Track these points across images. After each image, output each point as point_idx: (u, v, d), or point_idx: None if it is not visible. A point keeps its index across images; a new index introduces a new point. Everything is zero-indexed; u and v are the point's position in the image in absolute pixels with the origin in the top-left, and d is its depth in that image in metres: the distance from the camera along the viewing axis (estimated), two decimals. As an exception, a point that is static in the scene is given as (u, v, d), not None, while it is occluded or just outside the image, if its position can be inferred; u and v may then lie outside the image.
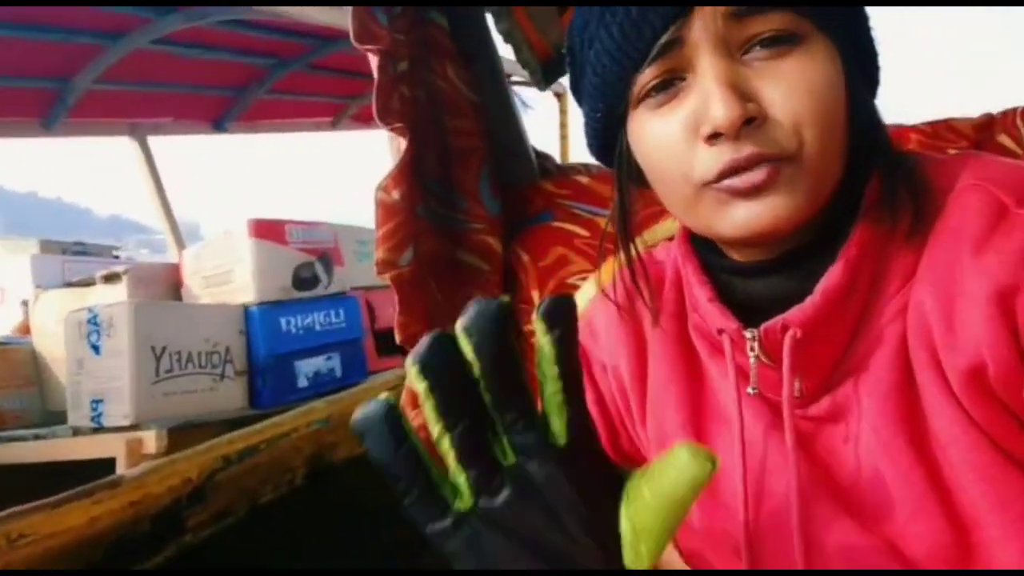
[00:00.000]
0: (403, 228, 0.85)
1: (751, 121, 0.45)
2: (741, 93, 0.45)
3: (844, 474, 0.50)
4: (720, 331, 0.53)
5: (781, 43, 0.45)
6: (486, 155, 0.98)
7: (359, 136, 6.45)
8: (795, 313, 0.49)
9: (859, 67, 0.49)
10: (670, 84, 0.48)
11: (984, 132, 0.81)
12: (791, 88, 0.45)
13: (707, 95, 0.45)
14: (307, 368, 2.65)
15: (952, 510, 0.46)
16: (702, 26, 0.45)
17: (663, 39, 0.46)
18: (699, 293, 0.55)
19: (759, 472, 0.53)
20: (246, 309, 2.60)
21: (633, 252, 0.60)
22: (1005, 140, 0.80)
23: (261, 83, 4.38)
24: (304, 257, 2.80)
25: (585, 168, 1.11)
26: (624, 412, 0.66)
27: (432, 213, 0.91)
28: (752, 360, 0.51)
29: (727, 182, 0.46)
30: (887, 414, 0.48)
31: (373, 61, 0.82)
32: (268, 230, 2.69)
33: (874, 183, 0.49)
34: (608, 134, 0.56)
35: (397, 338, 0.89)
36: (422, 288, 0.89)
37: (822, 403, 0.52)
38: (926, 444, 0.47)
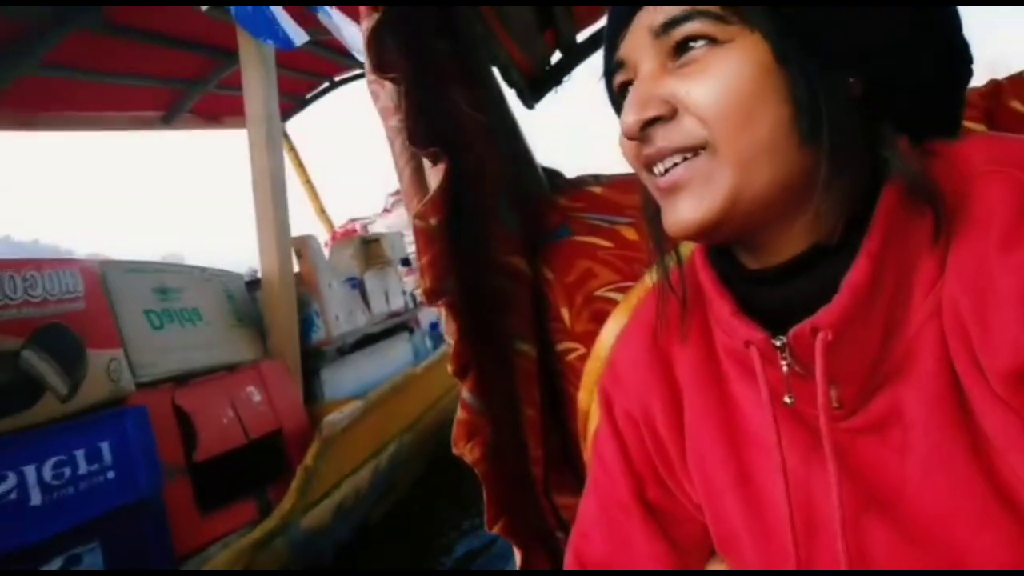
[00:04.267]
0: (445, 255, 0.82)
1: (658, 120, 0.48)
2: (655, 98, 0.48)
3: (897, 488, 0.47)
4: (747, 343, 0.51)
5: (698, 48, 0.47)
6: (500, 175, 0.94)
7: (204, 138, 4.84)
8: (823, 314, 0.46)
9: (831, 63, 0.46)
10: (628, 89, 0.52)
11: (992, 99, 0.78)
12: (701, 86, 0.46)
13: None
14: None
15: (1019, 519, 0.43)
16: (636, 43, 0.49)
17: (617, 55, 0.51)
18: (720, 307, 0.53)
19: (806, 501, 0.51)
20: None
21: (670, 263, 0.59)
22: (1017, 105, 0.77)
23: (30, 49, 2.87)
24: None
25: (594, 178, 1.04)
26: (657, 457, 0.62)
27: (457, 240, 0.85)
28: (785, 369, 0.50)
29: (655, 179, 0.50)
30: (938, 421, 0.45)
31: (394, 93, 0.82)
32: None
33: (893, 179, 0.47)
34: None
35: (451, 368, 0.83)
36: (465, 315, 0.86)
37: (864, 413, 0.49)
38: (982, 450, 0.44)
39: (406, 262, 5.45)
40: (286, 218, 2.56)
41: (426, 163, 0.84)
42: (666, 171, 0.48)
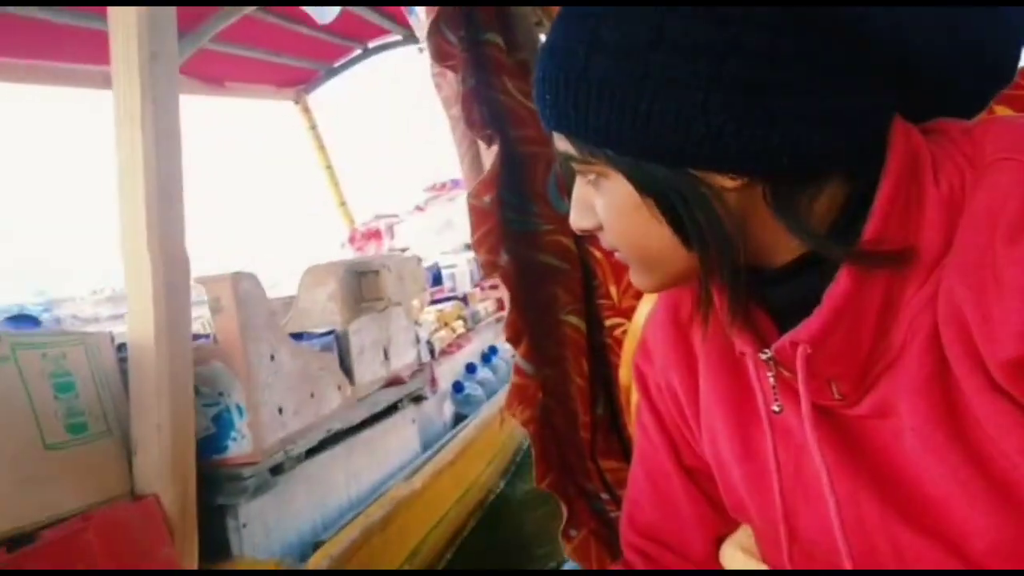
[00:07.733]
0: (497, 230, 0.89)
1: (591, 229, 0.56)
2: (588, 210, 0.54)
3: (898, 472, 0.50)
4: (741, 353, 0.56)
5: (593, 178, 0.52)
6: (551, 160, 1.00)
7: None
8: (803, 329, 0.49)
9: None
10: None
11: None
12: (603, 213, 0.53)
13: None
14: None
15: (1012, 502, 0.45)
16: None
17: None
18: (722, 311, 0.55)
19: (800, 476, 0.54)
20: None
21: None
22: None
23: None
24: None
25: None
26: (683, 426, 0.67)
27: (508, 219, 0.94)
28: (771, 380, 0.53)
29: None
30: (922, 410, 0.47)
31: (454, 78, 0.92)
32: None
33: (890, 173, 0.47)
34: None
35: (506, 335, 0.93)
36: (519, 287, 0.94)
37: (865, 402, 0.51)
38: (971, 437, 0.46)
39: (437, 279, 4.29)
40: (180, 237, 1.35)
41: (482, 146, 0.96)
42: None
